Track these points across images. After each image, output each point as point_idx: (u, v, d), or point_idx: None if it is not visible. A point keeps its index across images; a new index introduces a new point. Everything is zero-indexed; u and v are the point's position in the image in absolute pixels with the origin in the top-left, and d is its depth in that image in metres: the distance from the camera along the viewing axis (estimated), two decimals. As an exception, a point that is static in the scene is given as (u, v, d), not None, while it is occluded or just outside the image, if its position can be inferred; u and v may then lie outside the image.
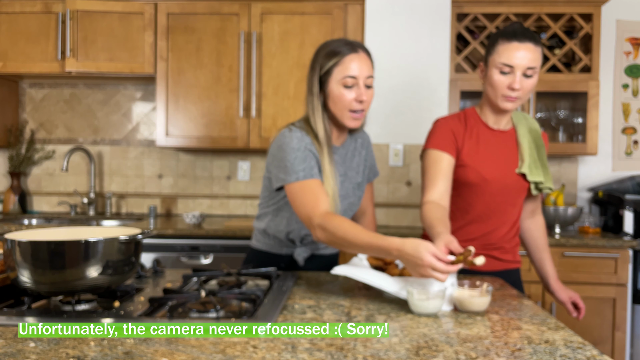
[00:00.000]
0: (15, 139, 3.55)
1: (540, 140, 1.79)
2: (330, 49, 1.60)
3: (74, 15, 3.13)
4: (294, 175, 1.56)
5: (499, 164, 1.72)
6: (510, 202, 1.75)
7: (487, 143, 1.73)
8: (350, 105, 1.58)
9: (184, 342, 1.00)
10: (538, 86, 3.10)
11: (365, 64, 1.59)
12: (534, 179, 1.73)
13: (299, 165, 1.56)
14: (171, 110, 3.15)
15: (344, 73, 1.56)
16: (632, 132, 3.42)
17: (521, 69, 1.59)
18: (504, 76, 1.62)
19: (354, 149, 1.76)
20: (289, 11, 3.09)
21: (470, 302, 1.25)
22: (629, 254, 2.79)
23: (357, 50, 1.59)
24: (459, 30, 3.17)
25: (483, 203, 1.73)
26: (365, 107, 1.60)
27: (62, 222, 3.30)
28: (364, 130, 1.82)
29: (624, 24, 3.41)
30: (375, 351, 0.97)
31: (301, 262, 1.75)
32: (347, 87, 1.57)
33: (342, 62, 1.57)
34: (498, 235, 1.77)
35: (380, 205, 3.16)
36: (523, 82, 1.61)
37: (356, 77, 1.57)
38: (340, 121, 1.62)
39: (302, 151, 1.58)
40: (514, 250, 1.82)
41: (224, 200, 3.54)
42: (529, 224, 1.92)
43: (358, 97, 1.57)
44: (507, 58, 1.60)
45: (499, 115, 1.73)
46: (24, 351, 0.94)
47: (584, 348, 1.01)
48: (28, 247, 1.16)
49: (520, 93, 1.62)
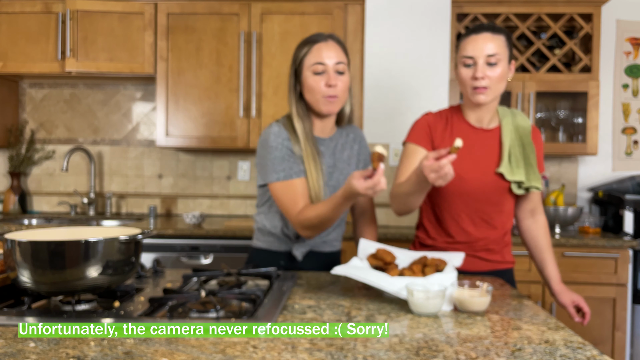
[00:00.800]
0: (15, 139, 3.55)
1: (527, 137, 1.76)
2: (302, 41, 1.70)
3: (74, 15, 3.13)
4: (275, 175, 1.65)
5: (478, 163, 1.71)
6: (492, 203, 1.72)
7: (465, 141, 1.72)
8: (321, 91, 1.65)
9: (184, 342, 1.00)
10: (538, 86, 3.10)
11: (334, 50, 1.66)
12: (514, 178, 1.70)
13: (278, 165, 1.65)
14: (171, 110, 3.15)
15: (312, 60, 1.65)
16: (632, 132, 3.42)
17: (482, 58, 1.62)
18: (467, 69, 1.65)
19: (344, 142, 1.80)
20: (289, 11, 3.10)
21: (470, 302, 1.25)
22: (629, 254, 2.79)
23: (326, 39, 1.67)
24: (459, 30, 3.17)
25: (462, 203, 1.71)
26: (339, 92, 1.66)
27: (62, 222, 3.30)
28: (355, 126, 1.87)
29: (624, 24, 3.41)
30: (375, 351, 0.97)
31: (299, 258, 1.76)
32: (317, 74, 1.65)
33: (311, 50, 1.66)
34: (484, 242, 1.75)
35: (380, 205, 3.16)
36: (487, 70, 1.62)
37: (324, 64, 1.64)
38: (316, 108, 1.68)
39: (279, 150, 1.66)
40: (504, 251, 1.80)
41: (224, 200, 3.54)
42: (529, 224, 1.87)
43: (327, 82, 1.64)
44: (466, 50, 1.64)
45: (479, 112, 1.72)
46: (24, 351, 0.94)
47: (584, 348, 1.01)
48: (28, 247, 1.16)
49: (488, 82, 1.63)
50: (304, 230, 1.62)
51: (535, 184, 1.73)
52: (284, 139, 1.67)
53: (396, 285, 1.32)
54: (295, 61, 1.69)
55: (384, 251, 1.48)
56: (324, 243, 1.81)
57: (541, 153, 1.82)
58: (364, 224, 1.91)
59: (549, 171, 3.44)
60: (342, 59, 1.67)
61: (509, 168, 1.70)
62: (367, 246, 1.59)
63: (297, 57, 1.69)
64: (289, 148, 1.67)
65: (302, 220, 1.60)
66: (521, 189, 1.74)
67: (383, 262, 1.48)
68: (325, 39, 1.67)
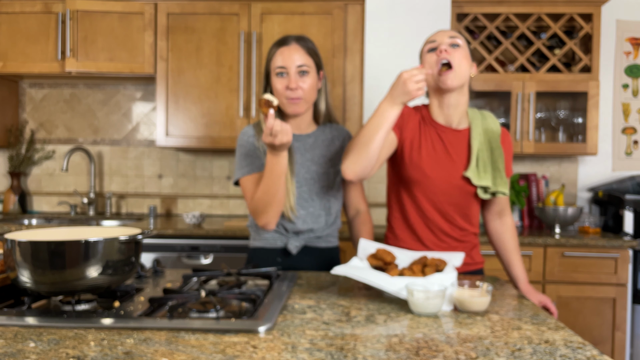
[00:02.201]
0: (15, 139, 3.55)
1: (496, 141, 1.73)
2: (272, 45, 1.78)
3: (74, 15, 3.13)
4: (239, 172, 1.78)
5: (445, 164, 1.70)
6: (457, 204, 1.71)
7: (436, 140, 1.71)
8: (283, 93, 1.74)
9: (184, 342, 1.00)
10: (538, 86, 3.10)
11: (296, 53, 1.73)
12: (481, 183, 1.68)
13: (243, 161, 1.77)
14: (171, 110, 3.15)
15: (276, 64, 1.74)
16: (632, 132, 3.42)
17: (445, 44, 1.67)
18: (431, 53, 1.70)
19: (323, 139, 1.85)
20: (289, 11, 3.10)
21: (470, 302, 1.25)
22: (629, 254, 2.79)
23: (289, 42, 1.75)
24: (459, 30, 3.17)
25: (428, 203, 1.71)
26: (301, 94, 1.74)
27: (62, 222, 3.30)
28: (342, 127, 1.92)
29: (624, 24, 3.41)
30: (375, 351, 0.97)
31: (294, 252, 1.79)
32: (279, 77, 1.74)
33: (275, 54, 1.75)
34: (451, 242, 1.75)
35: (380, 205, 3.16)
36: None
37: (285, 67, 1.73)
38: (282, 109, 1.78)
39: (244, 147, 1.79)
40: (472, 253, 1.79)
41: (224, 200, 3.54)
42: (497, 226, 1.86)
43: (288, 85, 1.72)
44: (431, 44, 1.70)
45: (446, 111, 1.72)
46: (24, 351, 0.94)
47: (584, 348, 1.01)
48: (28, 247, 1.16)
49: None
50: (258, 214, 1.70)
51: (502, 190, 1.71)
52: (249, 136, 1.79)
53: (396, 285, 1.32)
54: (266, 64, 1.79)
55: (384, 251, 1.49)
56: (319, 239, 1.83)
57: (510, 156, 1.79)
58: (359, 223, 1.93)
59: (549, 171, 3.45)
60: (305, 61, 1.74)
61: (476, 172, 1.69)
62: (367, 246, 1.60)
63: (267, 60, 1.79)
64: (253, 144, 1.77)
65: (254, 203, 1.70)
66: (487, 193, 1.72)
67: (383, 262, 1.48)
68: (287, 42, 1.75)
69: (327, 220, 1.83)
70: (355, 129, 3.09)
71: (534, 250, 2.81)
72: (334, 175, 1.84)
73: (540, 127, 3.36)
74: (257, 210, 1.70)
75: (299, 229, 1.79)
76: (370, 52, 3.08)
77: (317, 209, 1.80)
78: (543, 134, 3.37)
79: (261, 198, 1.67)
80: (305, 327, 1.11)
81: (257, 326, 1.08)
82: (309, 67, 1.74)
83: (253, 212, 1.73)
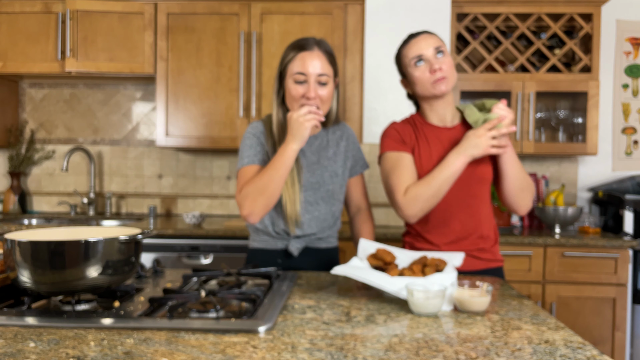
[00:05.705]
0: (15, 139, 3.55)
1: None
2: (290, 45, 1.69)
3: (74, 15, 3.13)
4: (240, 162, 1.73)
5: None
6: (468, 196, 1.74)
7: (433, 141, 1.75)
8: (299, 100, 1.65)
9: (184, 342, 1.00)
10: (538, 86, 3.10)
11: (319, 61, 1.65)
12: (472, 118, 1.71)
13: (246, 152, 1.72)
14: (171, 110, 3.15)
15: (295, 69, 1.65)
16: (632, 132, 3.42)
17: (432, 56, 1.69)
18: (418, 67, 1.70)
19: (328, 140, 1.81)
20: (289, 11, 3.09)
21: (470, 302, 1.25)
22: (629, 254, 2.79)
23: (312, 48, 1.66)
24: (459, 30, 3.17)
25: (443, 201, 1.72)
26: (319, 104, 1.65)
27: (62, 222, 3.30)
28: (344, 123, 1.89)
29: (624, 24, 3.41)
30: (375, 351, 0.97)
31: (295, 253, 1.77)
32: (298, 83, 1.64)
33: (295, 58, 1.66)
34: (472, 237, 1.75)
35: (380, 205, 3.16)
36: (441, 63, 1.69)
37: (305, 74, 1.64)
38: None
39: (250, 138, 1.73)
40: (493, 250, 1.80)
41: (224, 200, 3.54)
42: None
43: (306, 94, 1.63)
44: (415, 50, 1.71)
45: (439, 110, 1.75)
46: (24, 351, 0.94)
47: (584, 348, 1.01)
48: (28, 247, 1.16)
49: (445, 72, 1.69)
50: (244, 200, 1.62)
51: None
52: (258, 132, 1.74)
53: (396, 285, 1.32)
54: (281, 64, 1.70)
55: (384, 251, 1.49)
56: (320, 240, 1.82)
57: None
58: (360, 222, 1.91)
59: (549, 171, 3.44)
60: (326, 70, 1.66)
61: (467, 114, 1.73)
62: (367, 246, 1.60)
63: (282, 61, 1.70)
64: (259, 138, 1.73)
65: (246, 189, 1.62)
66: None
67: (383, 262, 1.48)
68: (312, 47, 1.66)
69: (331, 222, 1.83)
70: (356, 128, 3.09)
71: (534, 250, 2.81)
72: (339, 177, 1.82)
73: (540, 127, 3.36)
74: (245, 196, 1.62)
75: (304, 233, 1.77)
76: (370, 52, 3.08)
77: (322, 212, 1.78)
78: (543, 134, 3.37)
79: (255, 183, 1.61)
80: (305, 327, 1.11)
81: (257, 326, 1.08)
82: (328, 76, 1.66)
83: (240, 199, 1.64)
